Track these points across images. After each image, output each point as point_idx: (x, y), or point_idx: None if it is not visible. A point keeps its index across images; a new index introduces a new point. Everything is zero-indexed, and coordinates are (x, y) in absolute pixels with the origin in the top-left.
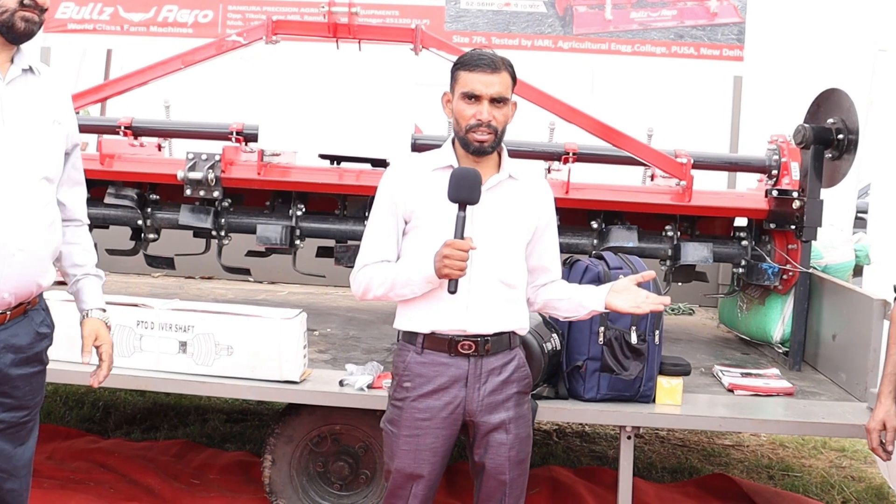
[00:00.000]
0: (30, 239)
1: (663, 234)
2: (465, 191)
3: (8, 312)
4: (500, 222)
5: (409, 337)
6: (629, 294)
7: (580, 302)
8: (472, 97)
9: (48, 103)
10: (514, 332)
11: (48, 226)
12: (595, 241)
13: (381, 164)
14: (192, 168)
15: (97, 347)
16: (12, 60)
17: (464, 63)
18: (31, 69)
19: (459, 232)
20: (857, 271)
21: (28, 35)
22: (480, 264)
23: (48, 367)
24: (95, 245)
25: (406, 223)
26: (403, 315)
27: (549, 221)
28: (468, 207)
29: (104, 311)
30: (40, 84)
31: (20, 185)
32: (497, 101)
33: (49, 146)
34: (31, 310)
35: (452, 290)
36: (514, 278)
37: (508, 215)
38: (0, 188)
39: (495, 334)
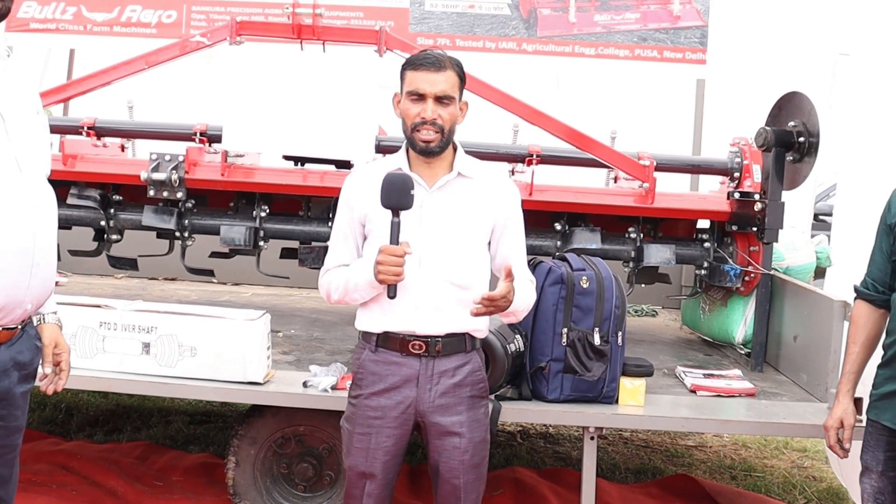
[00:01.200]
0: (49, 246)
1: (626, 235)
2: (394, 197)
3: (19, 327)
4: (450, 222)
5: (366, 336)
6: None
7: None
8: (417, 96)
9: (28, 91)
10: (469, 335)
11: (56, 227)
12: (558, 243)
13: (345, 165)
14: (155, 169)
15: (55, 356)
16: None
17: (409, 62)
18: (5, 51)
19: (394, 238)
20: (820, 273)
21: (1, 14)
22: (429, 265)
23: None
24: (58, 246)
25: (363, 227)
26: (360, 315)
27: (507, 220)
28: (406, 211)
29: (55, 313)
30: (14, 68)
31: (31, 187)
32: (442, 99)
33: (40, 141)
34: (27, 324)
35: (391, 295)
36: (467, 279)
37: (459, 215)
38: (16, 192)
39: (447, 335)
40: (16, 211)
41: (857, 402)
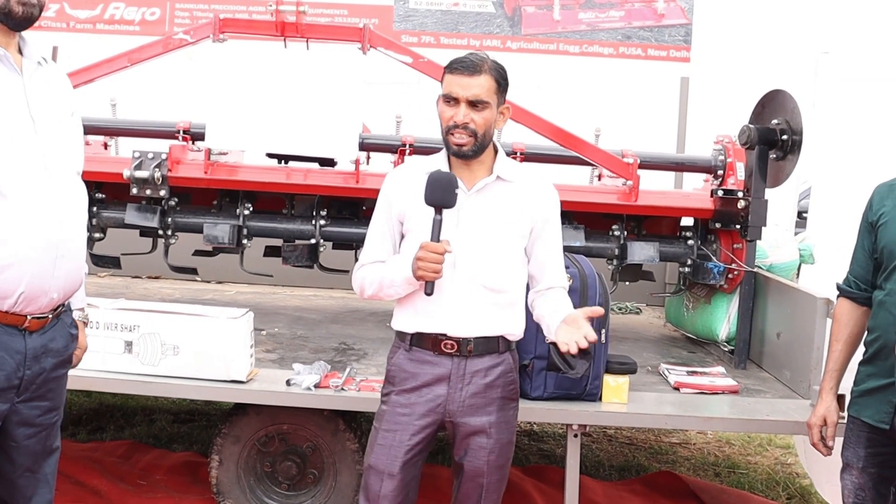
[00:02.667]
0: (76, 238)
1: (610, 233)
2: (438, 194)
3: (50, 315)
4: (487, 226)
5: (400, 336)
6: (572, 328)
7: (547, 326)
8: (451, 99)
9: (62, 95)
10: (503, 337)
11: (86, 222)
12: None
13: (328, 163)
14: (138, 167)
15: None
16: (21, 52)
17: (449, 65)
18: (41, 60)
19: (435, 235)
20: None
21: (28, 19)
22: (464, 268)
23: None
24: None
25: (402, 225)
26: (396, 316)
27: (545, 224)
28: (446, 210)
29: (82, 310)
30: (51, 75)
31: (61, 183)
32: (476, 103)
33: (73, 140)
34: (63, 312)
35: (429, 291)
36: (501, 283)
37: (497, 218)
38: (44, 187)
39: (480, 338)
40: (41, 206)
41: (840, 399)
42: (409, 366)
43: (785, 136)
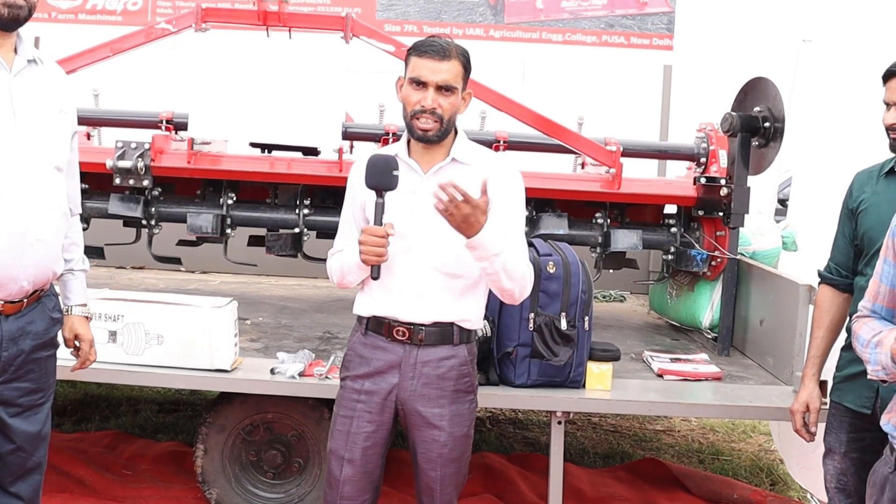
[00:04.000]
0: (47, 228)
1: (593, 221)
2: (376, 177)
3: (24, 300)
4: None
5: (359, 320)
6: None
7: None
8: (419, 83)
9: (53, 93)
10: (456, 325)
11: (63, 214)
12: (526, 229)
13: (311, 152)
14: (121, 157)
15: (77, 343)
16: (16, 50)
17: (415, 48)
18: (34, 59)
19: (377, 218)
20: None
21: (15, 21)
22: (418, 252)
23: None
24: None
25: (364, 212)
26: (356, 300)
27: (505, 208)
28: (402, 195)
29: (85, 305)
30: (44, 74)
31: (36, 176)
32: (444, 88)
33: (58, 136)
34: (44, 296)
35: (374, 276)
36: (456, 267)
37: None
38: (18, 179)
39: (432, 324)
40: (10, 195)
41: (823, 385)
42: (363, 350)
43: (767, 124)
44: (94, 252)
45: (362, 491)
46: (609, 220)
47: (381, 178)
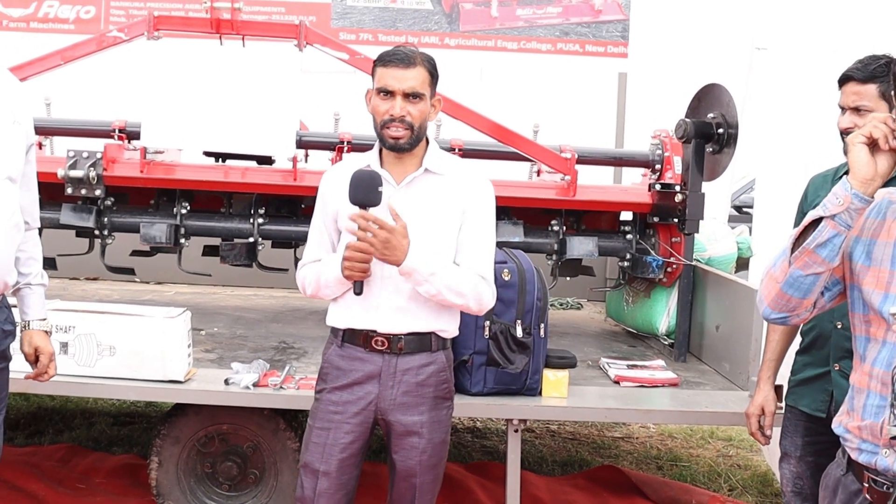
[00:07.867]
0: None
1: (549, 228)
2: (362, 193)
3: None
4: (417, 219)
5: (334, 332)
6: None
7: None
8: (387, 93)
9: (6, 103)
10: (434, 334)
11: (14, 226)
12: None
13: (266, 161)
14: (72, 166)
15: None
16: None
17: (380, 58)
18: None
19: None
20: (743, 265)
21: None
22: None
23: None
24: None
25: (336, 223)
26: (330, 311)
27: (467, 216)
28: (372, 210)
29: (45, 319)
30: None
31: None
32: (411, 95)
33: (10, 146)
34: None
35: (358, 291)
36: None
37: (426, 212)
38: None
39: (410, 334)
40: None
41: (778, 389)
42: (340, 362)
43: (721, 130)
44: (46, 263)
45: None
46: (565, 228)
47: (367, 194)
